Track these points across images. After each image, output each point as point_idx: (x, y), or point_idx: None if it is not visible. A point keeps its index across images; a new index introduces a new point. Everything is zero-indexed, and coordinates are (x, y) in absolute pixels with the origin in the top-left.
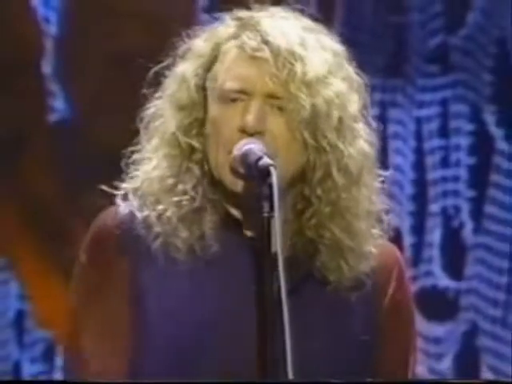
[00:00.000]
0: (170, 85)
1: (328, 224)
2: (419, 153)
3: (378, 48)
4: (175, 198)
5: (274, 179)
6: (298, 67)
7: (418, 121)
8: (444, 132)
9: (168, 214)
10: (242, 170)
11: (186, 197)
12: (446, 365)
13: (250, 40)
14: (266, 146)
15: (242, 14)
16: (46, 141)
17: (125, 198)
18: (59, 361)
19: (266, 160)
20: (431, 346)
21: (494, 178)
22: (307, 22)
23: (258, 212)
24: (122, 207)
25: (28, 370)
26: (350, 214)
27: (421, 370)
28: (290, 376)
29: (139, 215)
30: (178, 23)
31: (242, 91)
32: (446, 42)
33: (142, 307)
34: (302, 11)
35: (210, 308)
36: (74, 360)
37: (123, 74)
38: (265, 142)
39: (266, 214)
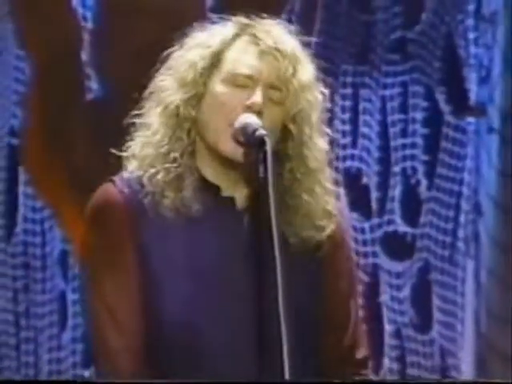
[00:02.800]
0: (177, 66)
1: (304, 197)
2: (383, 125)
3: (351, 40)
4: (166, 165)
5: (269, 147)
6: (299, 70)
7: (383, 99)
8: (404, 108)
9: (158, 177)
10: (241, 139)
11: (175, 164)
12: (404, 294)
13: (266, 38)
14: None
15: (246, 21)
16: (84, 115)
17: (127, 159)
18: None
19: (261, 131)
20: (393, 280)
21: (444, 144)
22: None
23: (248, 173)
24: (124, 174)
25: (71, 297)
26: (319, 192)
27: (384, 297)
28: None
29: (134, 175)
30: (190, 22)
31: (250, 77)
32: (404, 36)
33: (143, 261)
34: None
35: (198, 259)
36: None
37: (144, 63)
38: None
39: (261, 175)
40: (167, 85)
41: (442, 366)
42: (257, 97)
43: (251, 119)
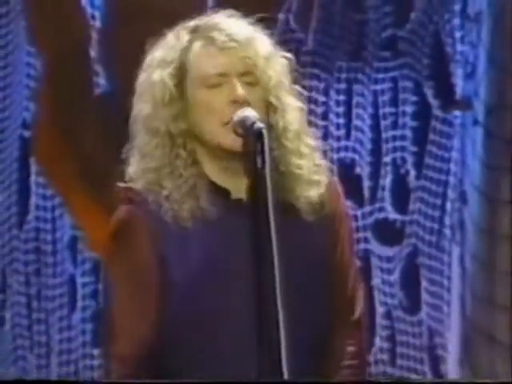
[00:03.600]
0: (148, 90)
1: (294, 160)
2: (375, 118)
3: (345, 38)
4: (177, 182)
5: (266, 139)
6: (257, 46)
7: (375, 93)
8: (394, 102)
9: (173, 196)
10: (240, 131)
11: (183, 179)
12: (395, 277)
13: (219, 36)
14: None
15: (193, 23)
16: (92, 109)
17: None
18: (103, 274)
19: (259, 124)
20: (384, 264)
21: (431, 137)
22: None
23: (248, 170)
24: (141, 194)
25: (80, 281)
26: (306, 151)
27: (376, 281)
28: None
29: (150, 198)
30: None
31: (221, 75)
32: (395, 34)
33: (165, 271)
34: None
35: (217, 259)
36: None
37: None
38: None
39: (259, 166)
40: (147, 111)
41: (429, 346)
42: (238, 90)
43: (249, 112)
